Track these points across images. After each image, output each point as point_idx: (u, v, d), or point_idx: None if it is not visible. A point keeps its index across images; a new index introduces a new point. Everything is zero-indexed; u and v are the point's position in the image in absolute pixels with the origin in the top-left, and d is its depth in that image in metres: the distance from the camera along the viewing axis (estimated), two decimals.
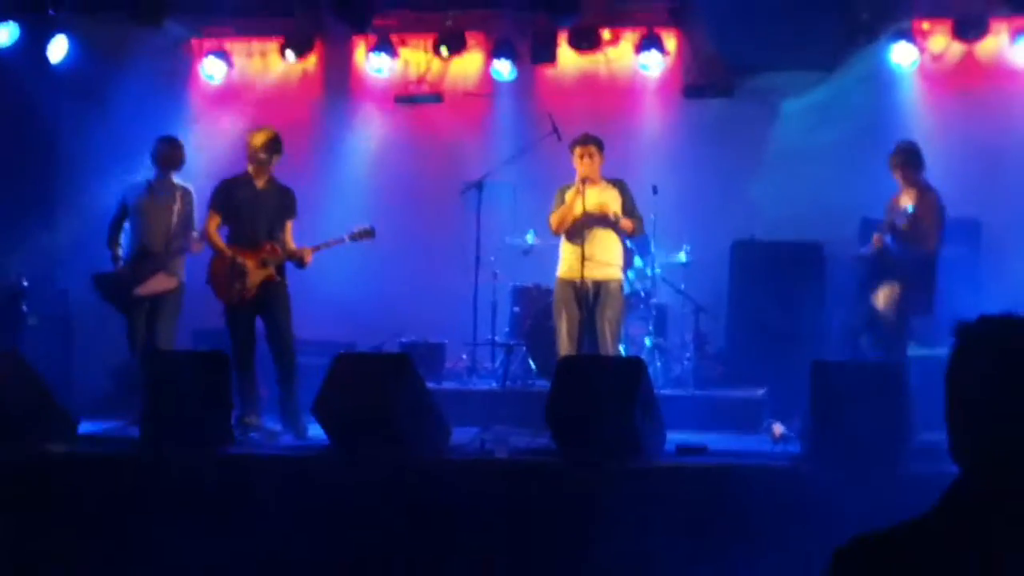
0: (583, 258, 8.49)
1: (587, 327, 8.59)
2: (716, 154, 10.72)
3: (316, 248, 8.37)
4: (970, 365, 1.98)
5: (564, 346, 8.51)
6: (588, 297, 8.57)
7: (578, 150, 8.65)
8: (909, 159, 8.53)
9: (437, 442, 7.38)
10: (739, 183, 10.50)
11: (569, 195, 8.67)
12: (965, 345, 1.99)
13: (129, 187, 8.88)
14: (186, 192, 8.89)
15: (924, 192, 8.46)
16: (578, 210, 8.54)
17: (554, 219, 8.71)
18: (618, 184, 8.83)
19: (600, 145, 8.71)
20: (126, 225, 8.86)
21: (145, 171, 8.89)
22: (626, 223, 8.68)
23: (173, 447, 7.23)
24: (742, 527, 6.15)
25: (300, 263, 8.36)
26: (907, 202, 8.41)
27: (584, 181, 8.54)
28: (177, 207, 8.82)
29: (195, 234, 8.76)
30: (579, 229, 8.57)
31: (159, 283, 8.74)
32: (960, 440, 1.99)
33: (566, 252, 8.72)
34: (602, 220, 8.59)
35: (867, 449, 6.52)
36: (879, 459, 6.50)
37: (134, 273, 8.69)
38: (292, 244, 8.42)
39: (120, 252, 8.82)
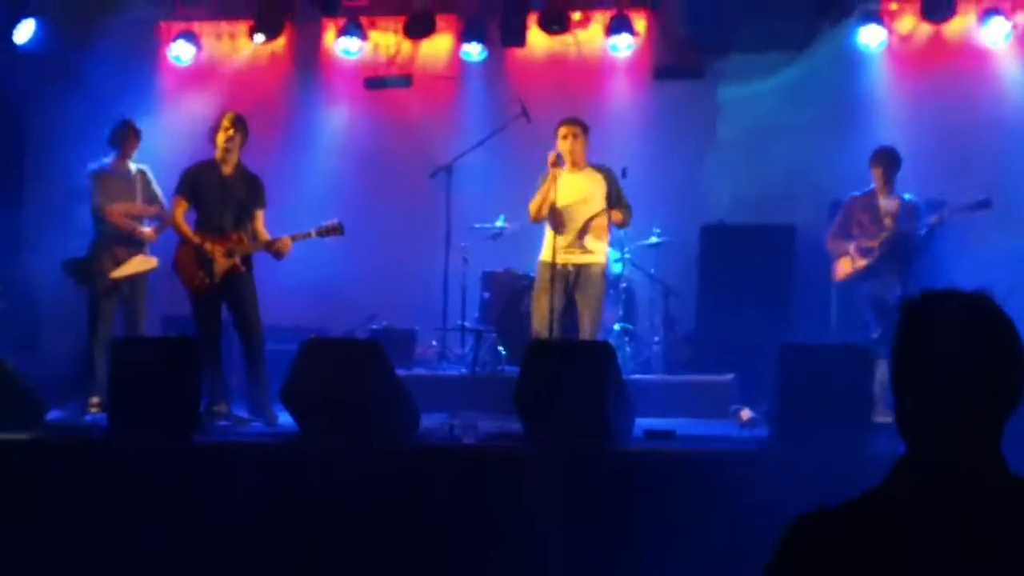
0: (563, 241, 8.46)
1: (567, 311, 8.58)
2: (686, 136, 10.75)
3: (304, 236, 8.31)
4: (914, 341, 2.01)
5: (538, 329, 8.51)
6: (568, 280, 8.56)
7: (562, 130, 8.58)
8: (896, 163, 8.66)
9: (406, 429, 7.37)
10: (709, 165, 10.54)
11: (554, 192, 8.60)
12: (909, 321, 2.03)
13: (91, 173, 8.84)
14: (143, 172, 8.92)
15: (904, 200, 8.63)
16: (553, 197, 8.49)
17: (532, 206, 8.65)
18: (604, 171, 8.73)
19: (585, 127, 8.64)
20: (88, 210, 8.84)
21: (104, 155, 8.88)
22: (616, 215, 8.61)
23: (141, 435, 7.19)
24: (710, 510, 6.17)
25: (278, 254, 8.30)
26: (889, 202, 8.58)
27: (555, 164, 8.46)
28: (139, 188, 8.82)
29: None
30: (560, 215, 8.53)
31: (137, 264, 8.74)
32: (905, 415, 2.02)
33: (548, 235, 8.66)
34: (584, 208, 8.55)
35: (833, 431, 6.56)
36: (844, 440, 6.54)
37: (110, 257, 8.65)
38: (265, 234, 8.36)
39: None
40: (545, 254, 8.63)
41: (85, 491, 6.79)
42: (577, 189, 8.56)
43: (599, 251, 8.69)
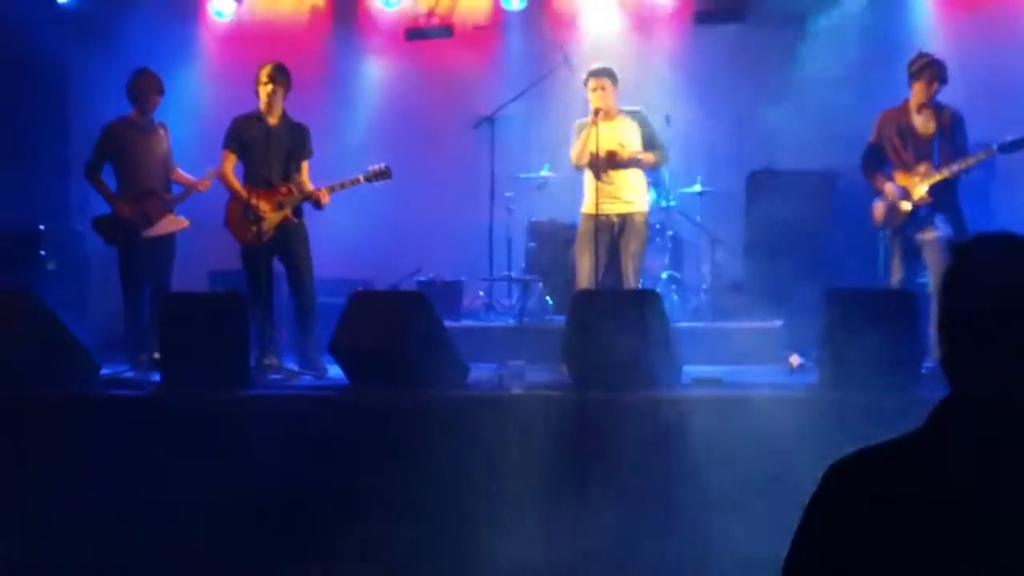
0: (605, 192, 8.44)
1: (611, 261, 8.58)
2: (729, 82, 10.62)
3: (332, 188, 8.29)
4: (963, 283, 1.99)
5: (583, 282, 8.49)
6: (613, 231, 8.55)
7: (591, 83, 8.55)
8: (944, 76, 8.13)
9: (454, 379, 7.42)
10: (753, 111, 10.41)
11: (592, 143, 8.56)
12: (959, 263, 2.01)
13: (111, 127, 8.74)
14: (164, 127, 8.86)
15: (942, 108, 8.15)
16: (592, 146, 8.47)
17: (573, 154, 8.64)
18: (637, 116, 8.71)
19: (614, 77, 8.57)
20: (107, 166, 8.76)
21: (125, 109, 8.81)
22: (647, 157, 8.58)
23: (193, 389, 7.27)
24: (758, 457, 6.18)
25: (317, 204, 8.31)
26: (927, 121, 8.13)
27: (597, 114, 8.46)
28: (164, 144, 8.81)
29: (180, 175, 8.84)
30: (600, 164, 8.52)
31: (170, 225, 8.72)
32: (950, 357, 2.00)
33: (589, 187, 8.62)
34: (617, 160, 8.54)
35: (881, 375, 6.54)
36: (893, 384, 6.52)
37: (141, 214, 8.65)
38: (309, 185, 8.37)
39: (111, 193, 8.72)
40: (587, 206, 8.61)
41: (139, 445, 6.89)
42: (611, 138, 8.52)
43: (639, 199, 8.68)
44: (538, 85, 9.88)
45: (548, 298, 9.75)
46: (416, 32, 11.54)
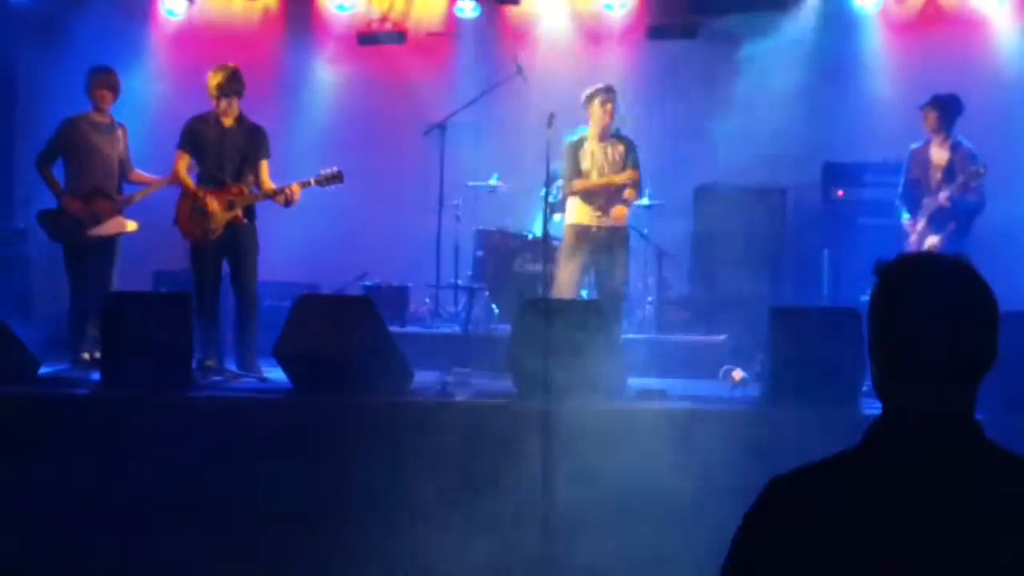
0: (595, 205, 8.54)
1: (601, 273, 8.65)
2: (680, 97, 10.70)
3: (303, 185, 8.20)
4: (893, 302, 2.01)
5: (563, 291, 8.50)
6: (599, 244, 8.61)
7: (603, 98, 8.60)
8: (949, 109, 8.55)
9: (398, 384, 7.40)
10: (703, 126, 10.49)
11: (588, 160, 8.62)
12: (883, 283, 2.03)
13: (69, 122, 8.62)
14: (124, 128, 8.77)
15: (959, 145, 8.53)
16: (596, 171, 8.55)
17: (577, 185, 8.62)
18: (626, 140, 8.78)
19: None
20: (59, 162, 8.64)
21: (82, 106, 8.68)
22: (633, 195, 8.71)
23: (133, 389, 7.20)
24: (697, 469, 6.21)
25: (287, 202, 8.23)
26: (940, 153, 8.47)
27: (604, 136, 8.55)
28: (121, 145, 8.72)
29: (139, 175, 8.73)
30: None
31: (117, 226, 8.61)
32: (879, 376, 2.02)
33: (580, 199, 8.70)
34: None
35: (823, 392, 6.61)
36: (835, 401, 6.59)
37: (89, 213, 8.56)
38: (270, 184, 8.30)
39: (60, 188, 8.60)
40: (579, 216, 8.67)
41: (78, 445, 6.81)
42: (610, 156, 8.66)
43: (625, 214, 8.75)
44: (490, 94, 9.89)
45: (494, 306, 9.76)
46: (369, 37, 11.50)
